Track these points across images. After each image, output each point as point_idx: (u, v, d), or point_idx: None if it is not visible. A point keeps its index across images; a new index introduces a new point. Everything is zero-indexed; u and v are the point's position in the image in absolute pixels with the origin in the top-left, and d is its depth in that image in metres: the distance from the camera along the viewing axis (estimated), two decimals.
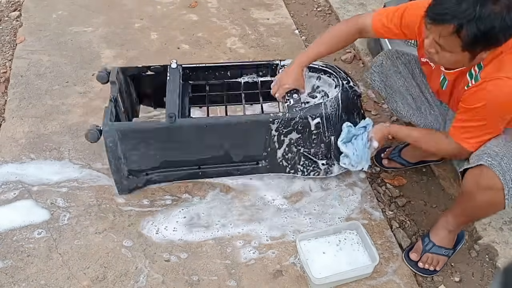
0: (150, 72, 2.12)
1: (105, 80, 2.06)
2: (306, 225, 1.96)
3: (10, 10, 3.27)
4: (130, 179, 2.00)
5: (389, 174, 2.20)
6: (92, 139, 1.87)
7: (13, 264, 1.81)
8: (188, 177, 2.07)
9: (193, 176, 2.08)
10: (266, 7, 3.36)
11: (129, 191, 2.03)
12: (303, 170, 2.06)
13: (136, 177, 2.01)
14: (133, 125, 1.95)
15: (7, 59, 2.83)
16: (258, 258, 1.84)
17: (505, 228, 1.93)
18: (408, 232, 1.98)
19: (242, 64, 2.24)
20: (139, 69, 2.14)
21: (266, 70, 2.21)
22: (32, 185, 2.09)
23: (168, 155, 1.98)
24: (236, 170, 2.09)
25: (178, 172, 2.05)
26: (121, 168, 1.95)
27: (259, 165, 2.07)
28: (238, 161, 2.06)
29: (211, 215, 1.98)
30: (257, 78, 2.21)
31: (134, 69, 2.14)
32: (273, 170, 2.09)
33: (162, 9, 3.30)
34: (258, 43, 3.01)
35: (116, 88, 1.98)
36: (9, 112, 2.46)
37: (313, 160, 2.03)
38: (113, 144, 1.88)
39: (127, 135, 1.88)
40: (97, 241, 1.89)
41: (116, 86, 1.99)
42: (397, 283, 1.78)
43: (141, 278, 1.77)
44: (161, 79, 2.08)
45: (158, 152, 1.95)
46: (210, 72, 2.18)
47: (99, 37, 3.01)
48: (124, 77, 2.08)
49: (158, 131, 1.90)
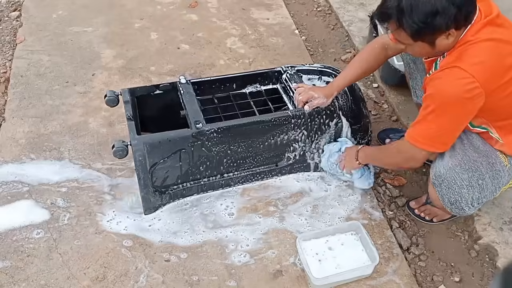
0: (159, 91, 2.10)
1: (115, 103, 2.07)
2: (306, 225, 1.96)
3: (10, 10, 3.27)
4: (156, 196, 1.96)
5: (389, 174, 2.20)
6: (121, 156, 1.84)
7: (13, 264, 1.81)
8: (209, 188, 2.05)
9: (215, 186, 2.06)
10: (266, 7, 3.36)
11: (154, 209, 1.98)
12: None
13: (160, 194, 1.97)
14: (160, 136, 1.87)
15: (7, 59, 2.83)
16: (258, 258, 1.84)
17: (505, 228, 1.93)
18: (408, 232, 1.98)
19: (245, 74, 2.23)
20: (148, 88, 2.11)
21: (269, 79, 2.22)
22: (32, 185, 2.08)
23: (193, 165, 1.95)
24: (257, 174, 2.09)
25: (201, 184, 2.03)
26: (149, 184, 1.92)
27: (279, 166, 2.09)
28: (261, 163, 2.07)
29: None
30: (260, 87, 2.22)
31: (143, 89, 2.10)
32: (298, 170, 2.12)
33: (162, 9, 3.30)
34: (258, 43, 3.01)
35: (130, 107, 1.97)
36: (9, 112, 2.46)
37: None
38: (142, 158, 1.85)
39: (154, 147, 1.85)
40: (97, 241, 1.89)
41: (130, 104, 1.98)
42: (397, 283, 1.78)
43: (141, 278, 1.77)
44: (169, 98, 2.09)
45: (184, 163, 1.93)
46: (217, 85, 2.17)
47: (99, 37, 3.01)
48: (132, 99, 2.05)
49: (186, 139, 1.88)
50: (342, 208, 2.03)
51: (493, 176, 1.70)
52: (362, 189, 2.07)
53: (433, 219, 1.98)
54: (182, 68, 2.77)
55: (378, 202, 2.07)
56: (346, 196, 2.08)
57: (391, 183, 2.16)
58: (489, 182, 1.70)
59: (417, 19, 1.45)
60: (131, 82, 2.67)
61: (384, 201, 2.09)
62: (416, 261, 1.88)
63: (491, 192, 1.74)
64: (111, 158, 2.22)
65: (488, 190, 1.72)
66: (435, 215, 1.98)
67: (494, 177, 1.71)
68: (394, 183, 2.16)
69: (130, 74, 2.74)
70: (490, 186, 1.71)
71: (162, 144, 1.86)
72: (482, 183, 1.69)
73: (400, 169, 2.16)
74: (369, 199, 2.07)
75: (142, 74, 2.74)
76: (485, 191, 1.71)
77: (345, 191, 2.09)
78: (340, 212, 2.01)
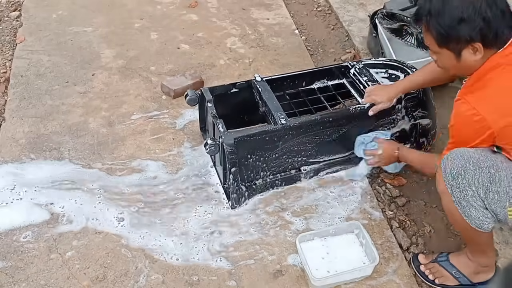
0: (235, 89, 2.18)
1: (196, 102, 2.13)
2: (306, 225, 1.96)
3: (10, 10, 3.27)
4: (240, 191, 2.00)
5: (389, 174, 2.20)
6: (213, 153, 1.95)
7: (13, 264, 1.80)
8: (285, 182, 2.09)
9: (290, 181, 2.10)
10: (266, 7, 3.36)
11: (239, 204, 2.01)
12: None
13: (244, 189, 2.01)
14: (248, 131, 1.97)
15: (7, 59, 2.83)
16: (258, 258, 1.84)
17: (505, 228, 1.93)
18: (408, 232, 1.98)
19: (314, 70, 2.34)
20: (225, 87, 2.19)
21: (336, 74, 2.29)
22: (32, 185, 2.08)
23: (276, 159, 2.02)
24: (331, 164, 2.14)
25: (279, 179, 2.08)
26: (238, 178, 1.96)
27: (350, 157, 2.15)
28: (338, 156, 2.14)
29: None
30: (327, 82, 2.29)
31: (221, 88, 2.18)
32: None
33: (162, 9, 3.30)
34: (258, 43, 3.01)
35: (213, 105, 2.08)
36: (9, 112, 2.46)
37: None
38: (233, 154, 1.90)
39: (242, 143, 1.91)
40: (97, 241, 1.89)
41: (213, 103, 2.08)
42: (397, 283, 1.78)
43: (141, 278, 1.77)
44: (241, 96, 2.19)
45: (268, 158, 2.00)
46: (288, 82, 2.25)
47: (99, 37, 3.01)
48: (213, 98, 2.12)
49: (273, 133, 1.95)
50: (342, 208, 2.03)
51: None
52: (353, 179, 2.11)
53: (435, 280, 1.77)
54: (182, 68, 2.77)
55: (378, 202, 2.07)
56: (346, 196, 2.08)
57: (391, 183, 2.16)
58: (505, 180, 1.48)
59: (443, 23, 1.45)
60: (131, 82, 2.67)
61: (384, 201, 2.09)
62: None
63: (507, 195, 1.48)
64: (111, 158, 2.23)
65: (501, 188, 1.48)
66: (440, 276, 1.77)
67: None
68: (394, 183, 2.16)
69: (130, 74, 2.74)
70: (505, 186, 1.48)
71: (250, 139, 1.92)
72: (494, 173, 1.48)
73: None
74: (369, 199, 2.07)
75: (142, 74, 2.74)
76: (496, 185, 1.48)
77: (345, 191, 2.09)
78: (340, 212, 2.01)
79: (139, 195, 2.06)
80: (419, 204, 2.09)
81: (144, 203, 2.03)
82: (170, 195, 2.07)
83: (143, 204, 2.03)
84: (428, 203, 2.09)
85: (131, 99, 2.56)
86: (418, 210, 2.07)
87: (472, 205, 1.51)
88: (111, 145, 2.29)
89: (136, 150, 2.27)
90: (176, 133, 2.36)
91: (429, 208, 2.08)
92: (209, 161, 2.20)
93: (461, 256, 1.76)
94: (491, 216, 1.53)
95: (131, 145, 2.29)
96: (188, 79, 2.61)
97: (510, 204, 1.49)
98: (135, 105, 2.53)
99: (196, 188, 2.10)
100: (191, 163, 2.21)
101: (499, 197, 1.49)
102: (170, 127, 2.40)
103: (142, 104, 2.53)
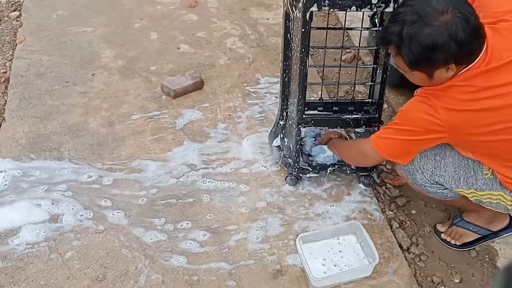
0: None
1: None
2: (306, 225, 1.96)
3: (10, 10, 3.27)
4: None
5: (389, 174, 2.20)
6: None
7: (13, 264, 1.80)
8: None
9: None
10: (266, 7, 3.36)
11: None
12: None
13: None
14: None
15: (7, 59, 2.83)
16: (258, 258, 1.84)
17: None
18: (408, 232, 1.98)
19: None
20: None
21: None
22: (32, 185, 2.08)
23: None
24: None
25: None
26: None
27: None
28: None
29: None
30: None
31: None
32: None
33: (162, 9, 3.30)
34: (258, 43, 3.01)
35: None
36: (9, 112, 2.46)
37: None
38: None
39: None
40: (97, 241, 1.89)
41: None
42: (397, 283, 1.78)
43: (141, 278, 1.77)
44: None
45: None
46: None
47: (99, 37, 3.01)
48: None
49: None
50: (342, 208, 2.03)
51: (459, 166, 1.65)
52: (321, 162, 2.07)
53: (457, 242, 1.90)
54: (182, 68, 2.77)
55: (378, 202, 2.07)
56: (346, 196, 2.08)
57: (391, 183, 2.16)
58: (451, 166, 1.66)
59: (415, 50, 1.42)
60: (131, 82, 2.67)
61: (384, 201, 2.09)
62: (416, 261, 1.88)
63: (452, 179, 1.67)
64: (111, 158, 2.23)
65: (447, 173, 1.67)
66: (460, 236, 1.90)
67: (459, 167, 1.65)
68: (394, 183, 2.16)
69: (130, 74, 2.74)
70: (450, 171, 1.66)
71: None
72: (440, 161, 1.67)
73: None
74: (369, 199, 2.07)
75: (142, 74, 2.74)
76: (442, 170, 1.67)
77: (345, 191, 2.09)
78: (340, 212, 2.01)
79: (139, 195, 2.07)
80: (419, 204, 2.09)
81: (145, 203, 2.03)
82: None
83: (143, 204, 2.03)
84: (428, 203, 2.09)
85: (131, 99, 2.56)
86: (418, 210, 2.07)
87: (425, 185, 1.73)
88: (111, 145, 2.29)
89: (136, 150, 2.27)
90: (176, 133, 2.36)
91: (429, 208, 2.08)
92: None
93: (472, 212, 1.88)
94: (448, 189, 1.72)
95: (131, 145, 2.29)
96: (188, 79, 2.61)
97: (456, 186, 1.68)
98: (135, 105, 2.53)
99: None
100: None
101: (444, 180, 1.69)
102: (170, 127, 2.40)
103: (142, 104, 2.53)
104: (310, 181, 2.12)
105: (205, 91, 2.63)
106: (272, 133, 2.21)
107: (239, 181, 2.13)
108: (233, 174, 2.16)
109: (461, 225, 1.90)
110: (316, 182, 2.13)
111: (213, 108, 2.51)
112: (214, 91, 2.63)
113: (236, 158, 2.24)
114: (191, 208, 2.02)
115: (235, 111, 2.50)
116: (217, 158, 2.24)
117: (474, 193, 1.68)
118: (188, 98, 2.57)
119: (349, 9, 1.70)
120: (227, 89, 2.64)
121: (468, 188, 1.67)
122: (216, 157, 2.24)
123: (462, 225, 1.90)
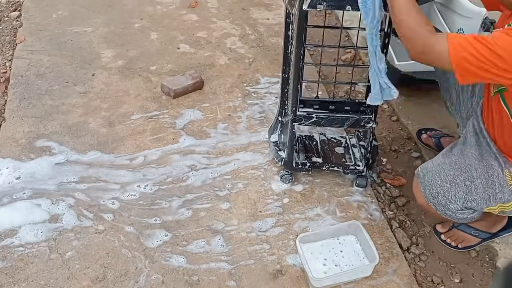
0: None
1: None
2: (306, 225, 1.96)
3: (10, 10, 3.27)
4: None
5: (389, 174, 2.20)
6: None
7: (13, 264, 1.80)
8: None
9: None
10: (266, 7, 3.36)
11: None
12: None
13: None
14: None
15: (7, 59, 2.83)
16: (258, 258, 1.84)
17: None
18: (408, 232, 1.98)
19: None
20: None
21: None
22: (31, 185, 2.08)
23: None
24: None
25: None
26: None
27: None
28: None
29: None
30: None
31: None
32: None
33: (162, 9, 3.30)
34: (258, 43, 3.01)
35: None
36: (9, 112, 2.46)
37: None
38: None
39: None
40: (97, 241, 1.89)
41: None
42: (397, 283, 1.78)
43: (141, 278, 1.77)
44: None
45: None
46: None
47: (99, 37, 3.01)
48: None
49: None
50: (342, 208, 2.03)
51: (487, 184, 1.61)
52: (372, 103, 1.87)
53: (458, 245, 1.90)
54: (182, 68, 2.77)
55: (378, 202, 2.07)
56: (346, 196, 2.08)
57: (391, 183, 2.16)
58: (480, 188, 1.61)
59: None
60: (131, 82, 2.67)
61: (384, 201, 2.09)
62: (416, 261, 1.88)
63: (483, 200, 1.62)
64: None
65: (478, 196, 1.61)
66: (461, 240, 1.90)
67: (488, 186, 1.61)
68: (394, 183, 2.16)
69: (130, 74, 2.74)
70: (481, 193, 1.61)
71: None
72: (470, 185, 1.61)
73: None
74: (369, 199, 2.07)
75: (142, 74, 2.74)
76: (473, 194, 1.61)
77: (345, 191, 2.09)
78: (340, 212, 2.01)
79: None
80: (419, 204, 2.09)
81: (145, 203, 2.03)
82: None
83: (143, 203, 2.03)
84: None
85: (131, 99, 2.57)
86: (418, 210, 2.07)
87: (456, 213, 1.66)
88: (111, 145, 2.29)
89: (136, 150, 2.27)
90: (176, 133, 2.36)
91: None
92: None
93: None
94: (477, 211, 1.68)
95: (131, 145, 2.29)
96: (188, 79, 2.61)
97: (487, 206, 1.64)
98: (135, 105, 2.53)
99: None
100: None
101: (477, 204, 1.63)
102: (170, 127, 2.40)
103: (142, 104, 2.53)
104: (310, 181, 2.12)
105: (205, 91, 2.63)
106: (271, 128, 2.22)
107: (239, 181, 2.13)
108: (233, 174, 2.17)
109: (462, 229, 1.89)
110: (315, 182, 2.13)
111: (213, 108, 2.51)
112: (214, 91, 2.63)
113: (236, 158, 2.24)
114: (191, 208, 2.02)
115: (235, 111, 2.50)
116: (217, 158, 2.24)
117: (501, 206, 1.64)
118: (188, 98, 2.57)
119: (344, 9, 1.71)
120: (227, 89, 2.64)
121: (496, 204, 1.63)
122: (216, 157, 2.25)
123: (463, 229, 1.89)
